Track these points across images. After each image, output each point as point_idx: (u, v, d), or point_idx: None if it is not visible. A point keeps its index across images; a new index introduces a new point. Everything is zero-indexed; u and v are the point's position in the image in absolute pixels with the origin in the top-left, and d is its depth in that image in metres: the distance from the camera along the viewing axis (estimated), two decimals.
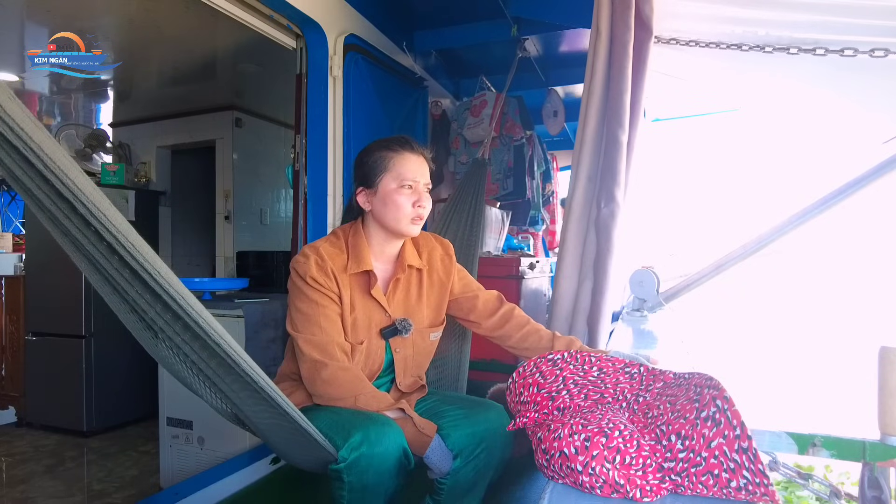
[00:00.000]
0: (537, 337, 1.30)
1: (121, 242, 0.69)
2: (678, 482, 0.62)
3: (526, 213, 3.17)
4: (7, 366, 3.20)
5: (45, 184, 0.65)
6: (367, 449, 1.00)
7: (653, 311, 1.72)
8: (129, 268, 0.72)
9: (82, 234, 0.71)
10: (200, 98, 3.39)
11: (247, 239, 3.64)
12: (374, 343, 1.22)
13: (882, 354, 0.65)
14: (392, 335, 1.23)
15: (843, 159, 2.33)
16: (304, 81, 2.02)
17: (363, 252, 1.22)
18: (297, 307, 1.17)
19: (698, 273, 1.73)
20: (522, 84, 2.98)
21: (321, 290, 1.16)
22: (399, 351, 1.26)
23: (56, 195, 0.66)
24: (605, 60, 1.50)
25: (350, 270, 1.20)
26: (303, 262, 1.18)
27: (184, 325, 0.78)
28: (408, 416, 1.13)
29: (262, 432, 1.08)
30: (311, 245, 1.22)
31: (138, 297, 0.77)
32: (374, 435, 1.01)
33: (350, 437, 1.00)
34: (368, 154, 1.24)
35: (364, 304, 1.22)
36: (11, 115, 0.59)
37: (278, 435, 1.06)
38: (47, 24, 2.33)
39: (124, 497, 2.17)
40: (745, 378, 1.01)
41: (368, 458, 0.99)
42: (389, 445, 1.02)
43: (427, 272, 1.31)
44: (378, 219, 1.23)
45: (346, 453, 0.99)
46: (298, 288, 1.18)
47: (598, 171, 1.52)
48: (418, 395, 1.31)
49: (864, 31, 1.40)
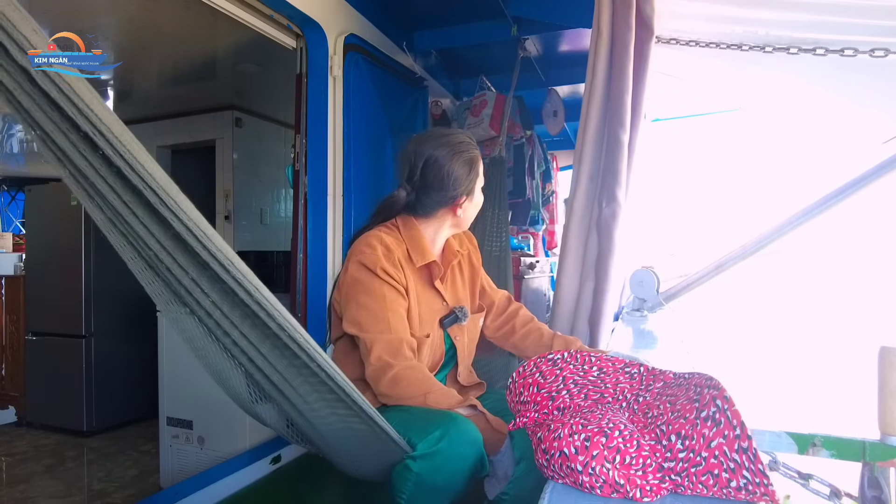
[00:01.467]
0: (538, 336, 1.30)
1: (193, 233, 0.66)
2: (678, 482, 0.62)
3: (526, 213, 3.17)
4: (7, 366, 3.20)
5: (108, 168, 0.63)
6: (446, 446, 0.94)
7: (653, 311, 1.72)
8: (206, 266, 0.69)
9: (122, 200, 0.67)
10: (200, 98, 3.39)
11: (247, 239, 3.64)
12: (437, 334, 1.20)
13: (882, 354, 0.65)
14: (452, 323, 1.21)
15: (843, 159, 2.33)
16: (304, 81, 2.02)
17: (423, 244, 1.19)
18: (362, 303, 1.10)
19: (698, 273, 1.73)
20: (522, 84, 2.97)
21: (391, 283, 1.10)
22: (458, 338, 1.24)
23: (123, 183, 0.64)
24: (606, 60, 1.50)
25: (417, 264, 1.16)
26: (370, 252, 1.11)
27: (243, 314, 0.74)
28: (479, 413, 1.07)
29: (323, 438, 0.98)
30: (372, 234, 1.16)
31: (192, 284, 0.73)
32: (455, 433, 0.95)
33: (429, 432, 0.94)
34: (464, 164, 1.17)
35: (427, 296, 1.19)
36: (80, 96, 0.58)
37: (344, 440, 0.97)
38: (47, 24, 2.33)
39: (124, 497, 2.17)
40: (745, 378, 1.01)
41: (446, 455, 0.94)
42: (469, 448, 0.96)
43: (463, 258, 1.31)
44: (458, 220, 1.22)
45: (424, 447, 0.93)
46: (363, 283, 1.10)
47: (600, 171, 1.52)
48: (477, 391, 1.27)
49: (864, 31, 1.39)
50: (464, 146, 1.18)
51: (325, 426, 0.93)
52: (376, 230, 1.17)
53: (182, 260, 0.70)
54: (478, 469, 0.99)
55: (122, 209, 0.68)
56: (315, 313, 1.99)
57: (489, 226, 2.13)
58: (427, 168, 1.16)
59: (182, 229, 0.66)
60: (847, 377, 1.11)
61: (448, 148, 1.16)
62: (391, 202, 1.21)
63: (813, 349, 1.57)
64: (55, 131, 0.62)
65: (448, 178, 1.15)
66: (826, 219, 1.54)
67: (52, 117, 0.61)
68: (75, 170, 0.66)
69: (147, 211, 0.67)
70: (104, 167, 0.64)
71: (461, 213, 1.21)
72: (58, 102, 0.59)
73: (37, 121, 0.62)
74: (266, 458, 1.83)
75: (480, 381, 1.30)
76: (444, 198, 1.17)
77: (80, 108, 0.59)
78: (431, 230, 1.22)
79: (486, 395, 1.28)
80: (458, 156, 1.16)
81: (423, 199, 1.18)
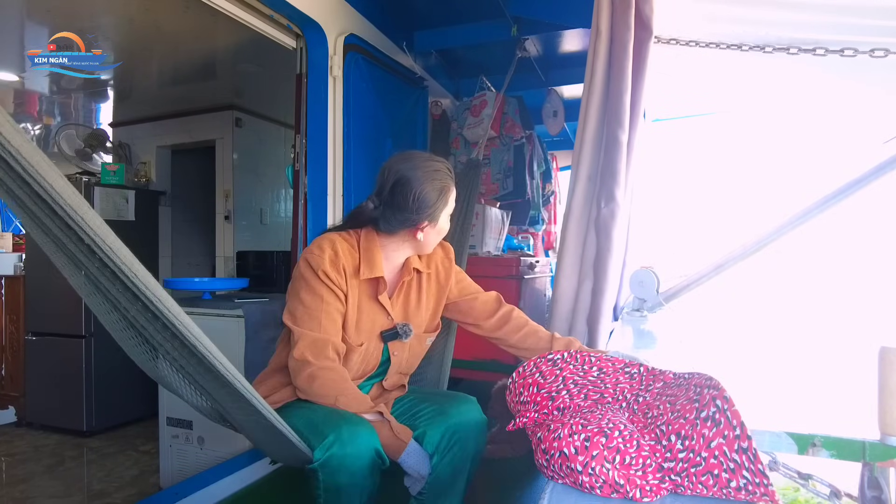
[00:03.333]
0: (536, 338, 1.31)
1: (99, 246, 0.71)
2: (678, 482, 0.61)
3: (526, 213, 3.17)
4: (7, 366, 3.20)
5: (26, 186, 0.67)
6: (338, 449, 1.01)
7: (653, 311, 1.72)
8: (108, 269, 0.74)
9: (64, 234, 0.73)
10: (200, 98, 3.39)
11: (247, 239, 3.64)
12: (373, 345, 1.23)
13: (882, 354, 0.65)
14: (392, 339, 1.25)
15: (843, 159, 2.33)
16: (304, 81, 2.02)
17: (376, 258, 1.22)
18: (301, 298, 1.16)
19: (698, 273, 1.72)
20: (522, 84, 2.98)
21: (329, 286, 1.15)
22: (396, 353, 1.27)
23: (36, 197, 0.68)
24: (605, 60, 1.50)
25: (362, 276, 1.19)
26: (318, 254, 1.16)
27: (163, 325, 0.80)
28: (385, 420, 1.14)
29: (245, 430, 1.10)
30: (326, 238, 1.20)
31: (120, 296, 0.79)
32: (347, 434, 1.03)
33: (324, 437, 1.02)
34: (433, 190, 1.19)
35: (369, 308, 1.22)
36: None
37: (258, 433, 1.08)
38: (47, 24, 2.33)
39: (124, 497, 2.17)
40: (745, 378, 1.01)
41: (340, 457, 1.01)
42: (361, 445, 1.03)
43: (427, 276, 1.32)
44: (418, 243, 1.24)
45: (319, 453, 1.01)
46: (306, 279, 1.16)
47: (598, 171, 1.52)
48: (398, 393, 1.32)
49: (864, 31, 1.39)
50: (439, 175, 1.20)
51: (242, 419, 1.02)
52: (336, 234, 1.22)
53: (97, 264, 0.75)
54: (377, 463, 1.06)
55: (39, 213, 0.72)
56: None
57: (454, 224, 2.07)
58: (397, 187, 1.18)
59: (84, 237, 0.71)
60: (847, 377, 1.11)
61: (422, 172, 1.19)
62: (358, 213, 1.25)
63: (813, 349, 1.57)
64: None
65: (415, 200, 1.17)
66: (826, 219, 1.54)
67: None
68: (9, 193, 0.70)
69: (59, 221, 0.71)
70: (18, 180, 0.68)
71: (421, 236, 1.23)
72: None
73: None
74: (266, 458, 1.83)
75: (403, 384, 1.35)
76: (406, 219, 1.20)
77: None
78: (391, 247, 1.25)
79: (406, 394, 1.34)
80: (429, 182, 1.18)
81: (388, 215, 1.20)
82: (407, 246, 1.26)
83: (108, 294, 0.81)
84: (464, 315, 1.38)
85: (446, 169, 1.23)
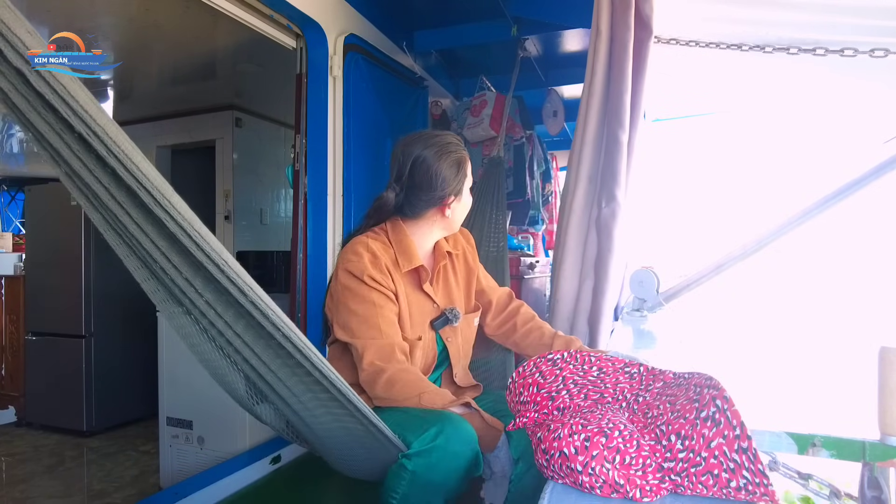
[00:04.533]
0: (539, 334, 1.30)
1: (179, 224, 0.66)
2: (678, 482, 0.61)
3: (526, 213, 3.17)
4: (7, 366, 3.20)
5: (103, 168, 0.64)
6: (442, 443, 0.95)
7: (653, 311, 1.72)
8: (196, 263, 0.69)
9: (115, 200, 0.67)
10: (200, 98, 3.39)
11: (247, 239, 3.64)
12: (428, 336, 1.20)
13: (882, 354, 0.65)
14: (443, 325, 1.22)
15: (843, 159, 2.33)
16: (304, 81, 2.02)
17: (410, 248, 1.19)
18: (353, 310, 1.10)
19: (698, 273, 1.72)
20: (522, 84, 2.97)
21: (379, 289, 1.11)
22: (451, 340, 1.24)
23: (117, 183, 0.65)
24: (605, 60, 1.50)
25: (403, 268, 1.17)
26: (356, 260, 1.12)
27: (237, 314, 0.74)
28: (474, 411, 1.07)
29: (319, 437, 0.99)
30: (358, 242, 1.16)
31: (186, 284, 0.73)
32: (451, 431, 0.96)
33: (425, 430, 0.96)
34: (453, 163, 1.18)
35: (417, 300, 1.20)
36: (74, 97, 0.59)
37: (339, 440, 0.98)
38: (47, 24, 2.33)
39: (124, 497, 2.17)
40: (745, 378, 1.01)
41: (442, 452, 0.94)
42: (464, 445, 0.97)
43: (456, 257, 1.31)
44: (447, 221, 1.22)
45: (419, 445, 0.94)
46: (351, 289, 1.11)
47: (599, 171, 1.52)
48: (473, 392, 1.27)
49: (864, 31, 1.39)
50: (452, 147, 1.19)
51: (320, 426, 0.94)
52: (363, 236, 1.18)
53: (176, 260, 0.71)
54: (473, 467, 1.00)
55: (117, 209, 0.68)
56: (315, 313, 1.99)
57: (486, 227, 2.13)
58: (415, 168, 1.17)
59: (177, 230, 0.66)
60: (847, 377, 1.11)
61: (436, 148, 1.17)
62: (381, 204, 1.22)
63: (813, 349, 1.57)
64: (50, 132, 0.62)
65: (436, 177, 1.16)
66: (826, 219, 1.54)
67: (47, 118, 0.61)
68: (70, 170, 0.66)
69: (141, 211, 0.67)
70: (98, 168, 0.64)
71: (450, 213, 1.21)
72: (52, 104, 0.59)
73: (32, 122, 0.62)
74: (266, 458, 1.83)
75: (477, 383, 1.30)
76: (432, 198, 1.18)
77: (74, 109, 0.59)
78: (420, 232, 1.23)
79: (484, 395, 1.28)
80: (446, 156, 1.17)
81: (412, 199, 1.19)
82: (437, 227, 1.24)
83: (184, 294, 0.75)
84: (482, 306, 1.36)
85: (456, 140, 1.22)
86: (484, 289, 1.37)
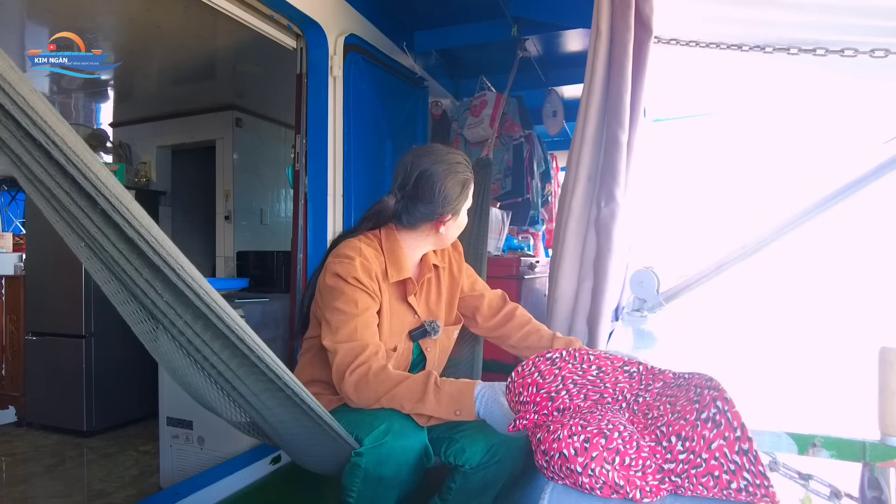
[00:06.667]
0: (538, 336, 1.31)
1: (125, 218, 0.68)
2: (678, 483, 0.61)
3: (526, 213, 3.17)
4: (7, 366, 3.20)
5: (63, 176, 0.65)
6: (391, 439, 1.00)
7: (653, 311, 1.72)
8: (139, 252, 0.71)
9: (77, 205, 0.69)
10: (200, 98, 3.39)
11: (247, 239, 3.64)
12: (404, 346, 1.23)
13: (882, 355, 0.65)
14: (422, 336, 1.25)
15: (843, 159, 2.33)
16: (304, 81, 2.02)
17: (402, 260, 1.21)
18: (336, 307, 1.12)
19: (698, 273, 1.72)
20: (522, 84, 2.98)
21: (364, 290, 1.13)
22: (429, 350, 1.28)
23: (77, 190, 0.66)
24: (605, 60, 1.50)
25: (391, 279, 1.19)
26: (347, 263, 1.13)
27: (195, 315, 0.77)
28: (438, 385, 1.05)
29: (279, 435, 1.03)
30: (350, 246, 1.17)
31: (147, 286, 0.75)
32: (399, 426, 1.01)
33: (375, 428, 1.01)
34: (457, 184, 1.20)
35: (398, 310, 1.22)
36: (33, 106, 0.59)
37: (297, 437, 1.03)
38: (47, 24, 2.33)
39: (124, 497, 2.17)
40: (745, 378, 1.01)
41: (391, 447, 0.99)
42: (413, 440, 1.02)
43: (442, 270, 1.33)
44: (440, 237, 1.24)
45: (369, 442, 0.99)
46: (338, 289, 1.13)
47: (598, 171, 1.52)
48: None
49: (864, 31, 1.39)
50: (460, 167, 1.22)
51: (279, 423, 0.97)
52: (356, 240, 1.20)
53: (137, 263, 0.73)
54: (423, 459, 1.04)
55: (78, 213, 0.70)
56: None
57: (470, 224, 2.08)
58: (420, 180, 1.19)
59: (134, 235, 0.68)
60: (847, 377, 1.11)
61: (445, 165, 1.20)
62: (381, 208, 1.23)
63: (813, 349, 1.57)
64: (10, 139, 0.63)
65: (438, 193, 1.18)
66: (826, 219, 1.54)
67: (8, 126, 0.62)
68: (30, 173, 0.67)
69: (101, 217, 0.69)
70: (59, 174, 0.66)
71: (444, 230, 1.23)
72: (11, 113, 0.60)
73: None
74: (266, 458, 1.83)
75: None
76: (430, 212, 1.20)
77: (33, 119, 0.60)
78: (412, 243, 1.25)
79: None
80: (452, 175, 1.20)
81: (411, 209, 1.21)
82: (428, 241, 1.26)
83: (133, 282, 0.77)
84: (471, 311, 1.38)
85: (466, 162, 1.24)
86: (474, 291, 1.38)
